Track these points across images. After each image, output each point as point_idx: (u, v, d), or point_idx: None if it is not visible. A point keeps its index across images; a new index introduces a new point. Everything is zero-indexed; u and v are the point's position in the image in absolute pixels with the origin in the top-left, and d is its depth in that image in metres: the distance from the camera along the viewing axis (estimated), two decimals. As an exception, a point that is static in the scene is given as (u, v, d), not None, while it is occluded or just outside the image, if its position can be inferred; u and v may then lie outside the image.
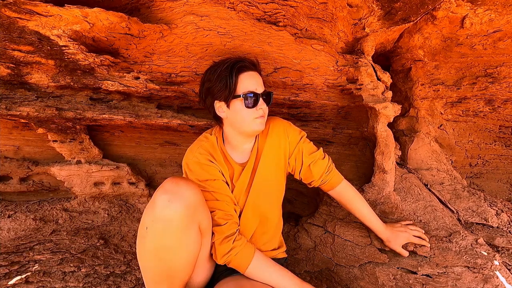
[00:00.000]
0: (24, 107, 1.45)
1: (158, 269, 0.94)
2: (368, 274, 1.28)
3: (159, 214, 0.88)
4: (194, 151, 1.16)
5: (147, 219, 0.90)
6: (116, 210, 1.92)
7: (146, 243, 0.92)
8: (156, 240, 0.90)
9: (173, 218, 0.88)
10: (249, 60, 1.13)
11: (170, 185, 0.91)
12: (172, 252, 0.92)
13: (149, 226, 0.90)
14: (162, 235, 0.89)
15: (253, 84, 1.10)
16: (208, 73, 1.14)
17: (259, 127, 1.13)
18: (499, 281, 1.11)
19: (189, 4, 1.25)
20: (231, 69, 1.07)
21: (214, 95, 1.11)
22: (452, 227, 1.39)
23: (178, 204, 0.88)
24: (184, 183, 0.93)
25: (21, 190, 1.87)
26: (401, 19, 1.36)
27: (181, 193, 0.90)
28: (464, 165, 2.27)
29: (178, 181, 0.93)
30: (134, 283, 1.43)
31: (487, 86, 1.81)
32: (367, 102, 1.50)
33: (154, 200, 0.90)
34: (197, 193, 0.95)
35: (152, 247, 0.91)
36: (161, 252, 0.92)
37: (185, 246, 0.94)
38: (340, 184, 1.30)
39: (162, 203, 0.88)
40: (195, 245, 0.98)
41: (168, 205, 0.88)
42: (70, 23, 1.17)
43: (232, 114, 1.12)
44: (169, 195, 0.89)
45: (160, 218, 0.88)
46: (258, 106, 1.10)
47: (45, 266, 1.48)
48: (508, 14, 1.41)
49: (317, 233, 1.59)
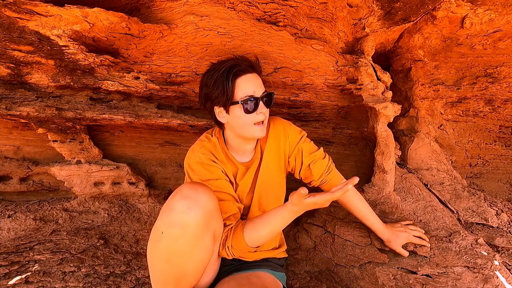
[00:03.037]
0: (24, 107, 1.45)
1: (169, 272, 0.93)
2: (368, 274, 1.28)
3: (176, 220, 0.87)
4: (196, 151, 1.14)
5: (163, 224, 0.89)
6: (116, 210, 1.92)
7: (160, 247, 0.90)
8: (170, 244, 0.89)
9: (191, 225, 0.87)
10: (247, 62, 1.08)
11: (189, 191, 0.90)
12: (185, 257, 0.92)
13: (165, 230, 0.88)
14: (178, 241, 0.88)
15: (251, 87, 1.06)
16: (206, 77, 1.10)
17: (259, 134, 1.11)
18: (499, 281, 1.11)
19: (189, 4, 1.25)
20: (227, 74, 1.03)
21: (213, 101, 1.09)
22: (452, 227, 1.39)
23: (197, 211, 0.87)
24: (203, 190, 0.92)
25: (21, 190, 1.87)
26: (401, 19, 1.36)
27: (200, 200, 0.89)
28: (464, 165, 2.27)
29: (197, 187, 0.92)
30: (134, 283, 1.43)
31: (487, 86, 1.81)
32: (367, 102, 1.50)
33: (172, 205, 0.88)
34: (215, 201, 0.95)
35: (166, 252, 0.90)
36: (174, 256, 0.91)
37: (199, 252, 0.94)
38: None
39: (180, 209, 0.87)
40: (208, 251, 0.98)
41: (186, 212, 0.87)
42: (70, 23, 1.17)
43: (232, 119, 1.09)
44: (188, 201, 0.88)
45: (178, 224, 0.87)
46: (258, 110, 1.07)
47: (45, 266, 1.48)
48: (508, 14, 1.41)
49: (317, 233, 1.59)
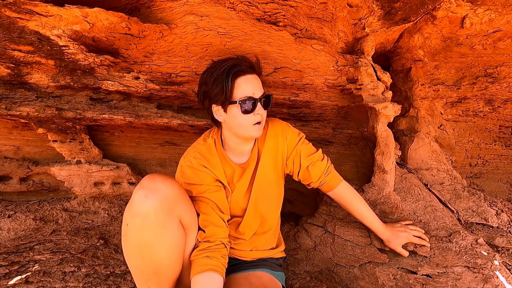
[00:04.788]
0: (24, 107, 1.45)
1: (143, 266, 0.95)
2: (368, 274, 1.28)
3: (137, 210, 0.90)
4: (190, 155, 1.17)
5: (127, 216, 0.92)
6: (116, 210, 1.92)
7: (128, 240, 0.93)
8: (136, 236, 0.91)
9: (150, 212, 0.89)
10: (247, 63, 1.08)
11: (147, 181, 0.92)
12: (153, 248, 0.93)
13: (129, 222, 0.91)
14: (141, 231, 0.90)
15: (250, 88, 1.06)
16: (205, 75, 1.10)
17: (256, 133, 1.11)
18: (499, 281, 1.11)
19: (189, 4, 1.25)
20: (227, 74, 1.03)
21: (211, 99, 1.09)
22: (452, 227, 1.39)
23: (154, 198, 0.90)
24: (160, 178, 0.94)
25: (21, 190, 1.87)
26: (401, 19, 1.36)
27: (157, 188, 0.91)
28: (464, 165, 2.27)
29: (155, 177, 0.94)
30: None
31: (487, 86, 1.81)
32: (367, 102, 1.50)
33: (133, 197, 0.91)
34: (175, 188, 0.96)
35: (134, 244, 0.93)
36: (142, 248, 0.93)
37: (165, 240, 0.95)
38: (339, 185, 1.29)
39: (139, 199, 0.90)
40: (177, 240, 0.98)
41: (144, 200, 0.89)
42: (70, 23, 1.17)
43: (230, 118, 1.10)
44: (145, 190, 0.90)
45: (138, 213, 0.89)
46: (256, 111, 1.07)
47: (45, 266, 1.48)
48: (508, 14, 1.41)
49: (317, 233, 1.59)
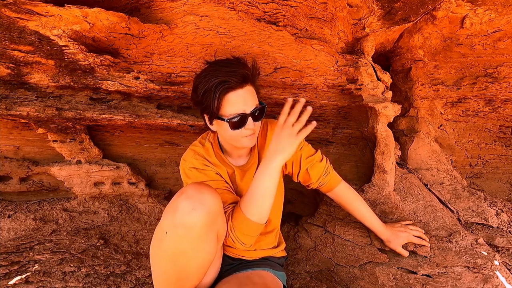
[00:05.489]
0: (24, 107, 1.45)
1: (171, 272, 0.94)
2: (368, 274, 1.28)
3: (181, 221, 0.87)
4: (190, 158, 1.15)
5: (168, 224, 0.89)
6: (116, 210, 1.91)
7: (164, 247, 0.91)
8: (174, 245, 0.89)
9: (195, 225, 0.87)
10: (238, 76, 0.99)
11: (194, 191, 0.90)
12: (189, 258, 0.92)
13: (169, 231, 0.88)
14: (182, 241, 0.88)
15: (240, 105, 1.00)
16: (197, 83, 1.04)
17: (248, 144, 1.08)
18: (499, 281, 1.11)
19: (189, 4, 1.25)
20: (215, 90, 0.98)
21: (203, 109, 1.07)
22: (452, 227, 1.39)
23: (201, 212, 0.87)
24: (207, 190, 0.92)
25: (21, 190, 1.87)
26: (401, 19, 1.36)
27: (204, 201, 0.89)
28: (464, 165, 2.27)
29: (202, 188, 0.92)
30: (134, 283, 1.43)
31: (487, 86, 1.81)
32: (367, 102, 1.50)
33: (177, 205, 0.88)
34: (219, 202, 0.95)
35: (170, 252, 0.90)
36: (178, 257, 0.91)
37: (202, 252, 0.94)
38: (338, 186, 1.29)
39: (185, 210, 0.87)
40: (212, 252, 0.98)
41: (190, 212, 0.87)
42: (70, 23, 1.17)
43: (221, 130, 1.08)
44: (193, 202, 0.88)
45: (182, 225, 0.87)
46: (246, 126, 1.03)
47: (45, 266, 1.48)
48: (508, 14, 1.41)
49: (317, 233, 1.59)
